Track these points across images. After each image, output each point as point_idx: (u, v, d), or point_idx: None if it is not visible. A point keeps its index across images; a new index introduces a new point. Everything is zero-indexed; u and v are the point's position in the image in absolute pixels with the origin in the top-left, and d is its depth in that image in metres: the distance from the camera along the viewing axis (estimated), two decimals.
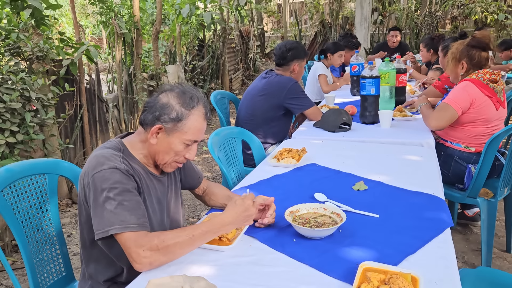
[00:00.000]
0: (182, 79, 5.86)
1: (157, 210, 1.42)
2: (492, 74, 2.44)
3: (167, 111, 1.32)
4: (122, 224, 1.19)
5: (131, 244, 1.18)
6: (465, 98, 2.42)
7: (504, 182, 2.40)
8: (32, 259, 1.52)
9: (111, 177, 1.23)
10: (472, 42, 2.52)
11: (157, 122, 1.32)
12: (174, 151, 1.35)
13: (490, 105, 2.41)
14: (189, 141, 1.35)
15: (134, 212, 1.22)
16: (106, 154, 1.29)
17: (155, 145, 1.35)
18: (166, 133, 1.33)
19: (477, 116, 2.43)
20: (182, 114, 1.32)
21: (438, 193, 1.67)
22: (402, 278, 1.04)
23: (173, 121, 1.32)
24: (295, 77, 3.03)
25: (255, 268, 1.20)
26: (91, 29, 10.92)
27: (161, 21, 5.48)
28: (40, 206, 1.59)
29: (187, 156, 1.38)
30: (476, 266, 2.42)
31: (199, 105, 1.36)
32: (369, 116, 2.81)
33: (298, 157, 2.12)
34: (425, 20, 11.02)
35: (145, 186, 1.37)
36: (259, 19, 13.55)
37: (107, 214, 1.20)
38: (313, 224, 1.38)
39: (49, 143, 3.20)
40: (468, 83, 2.44)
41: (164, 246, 1.19)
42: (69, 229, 3.26)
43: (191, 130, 1.34)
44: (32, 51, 3.05)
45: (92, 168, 1.25)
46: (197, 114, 1.34)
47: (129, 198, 1.23)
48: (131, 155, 1.37)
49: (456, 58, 2.57)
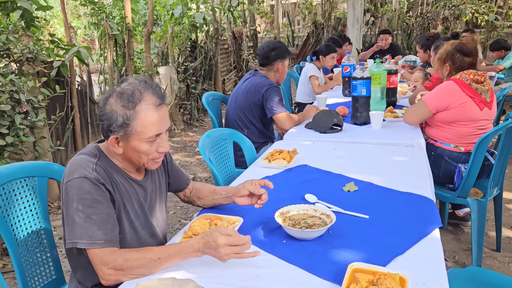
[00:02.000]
0: (175, 80, 5.85)
1: (140, 214, 1.40)
2: (476, 75, 2.48)
3: (113, 119, 1.24)
4: (90, 240, 1.19)
5: (97, 261, 1.18)
6: (442, 98, 2.48)
7: (493, 182, 2.43)
8: (21, 262, 1.51)
9: (81, 187, 1.22)
10: (458, 47, 2.59)
11: (110, 133, 1.26)
12: (142, 153, 1.29)
13: (472, 105, 2.45)
14: (149, 138, 1.27)
15: (102, 227, 1.21)
16: (80, 161, 1.27)
17: (123, 153, 1.31)
18: (124, 140, 1.28)
19: (460, 115, 2.47)
20: (128, 117, 1.23)
21: (427, 193, 1.68)
22: (390, 279, 1.05)
23: (122, 128, 1.24)
24: (279, 76, 3.06)
25: (244, 270, 1.20)
26: (83, 30, 10.87)
27: (153, 22, 5.47)
28: (30, 209, 1.58)
29: (160, 150, 1.31)
30: (467, 266, 2.44)
31: (144, 97, 1.25)
32: (360, 117, 2.82)
33: (289, 158, 2.13)
34: (416, 21, 11.10)
35: (124, 191, 1.35)
36: (252, 20, 13.55)
37: (77, 226, 1.20)
38: (303, 225, 1.38)
39: (40, 146, 3.18)
40: (451, 82, 2.50)
41: (128, 267, 1.18)
42: (61, 231, 3.24)
43: (146, 127, 1.25)
44: (22, 52, 3.03)
45: (66, 176, 1.25)
46: (144, 109, 1.24)
47: (99, 211, 1.22)
48: (107, 160, 1.34)
49: (442, 59, 2.65)
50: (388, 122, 2.84)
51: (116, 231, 1.25)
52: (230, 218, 1.46)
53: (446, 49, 2.64)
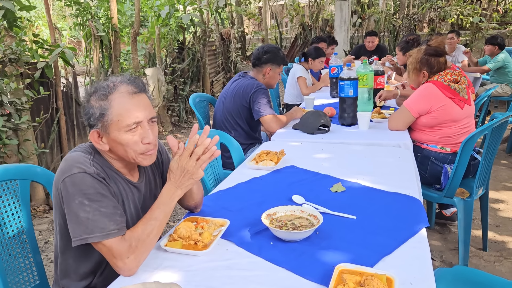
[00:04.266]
0: (162, 81, 5.81)
1: (134, 215, 1.39)
2: (453, 75, 2.52)
3: (90, 113, 1.25)
4: (103, 232, 1.16)
5: (114, 252, 1.17)
6: (422, 101, 2.51)
7: (479, 182, 2.45)
8: (3, 267, 1.47)
9: (82, 182, 1.19)
10: (429, 51, 2.61)
11: (90, 129, 1.26)
12: (127, 144, 1.25)
13: (453, 105, 2.47)
14: (128, 126, 1.23)
15: (112, 218, 1.19)
16: (76, 156, 1.24)
17: (109, 149, 1.29)
18: (105, 134, 1.26)
19: (443, 117, 2.49)
20: (102, 107, 1.23)
21: (414, 193, 1.69)
22: (377, 280, 1.05)
23: (99, 119, 1.24)
24: (267, 81, 3.03)
25: (231, 272, 1.19)
26: (68, 31, 10.75)
27: (140, 23, 5.43)
28: (12, 213, 1.55)
29: (144, 141, 1.27)
30: (454, 265, 2.46)
31: (117, 87, 1.25)
32: (347, 117, 2.83)
33: (276, 160, 2.12)
34: (403, 22, 11.19)
35: (122, 189, 1.34)
36: (240, 21, 13.55)
37: (84, 221, 1.17)
38: (290, 227, 1.37)
39: (24, 148, 3.13)
40: (430, 84, 2.53)
41: (140, 243, 1.20)
42: (47, 235, 3.19)
43: (122, 115, 1.23)
44: (4, 53, 2.98)
45: (62, 172, 1.22)
46: (118, 97, 1.24)
47: (106, 204, 1.20)
48: (102, 158, 1.32)
49: (417, 68, 2.66)
50: (375, 123, 2.85)
51: (125, 221, 1.24)
52: (216, 221, 1.44)
53: (416, 57, 2.66)
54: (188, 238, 1.31)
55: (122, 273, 1.18)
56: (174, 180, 1.29)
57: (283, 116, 2.92)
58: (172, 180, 1.29)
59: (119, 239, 1.18)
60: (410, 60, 2.70)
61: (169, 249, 1.29)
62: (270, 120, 2.81)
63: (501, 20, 12.55)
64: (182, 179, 1.28)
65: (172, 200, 1.29)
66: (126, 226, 1.24)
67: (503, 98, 5.84)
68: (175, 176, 1.28)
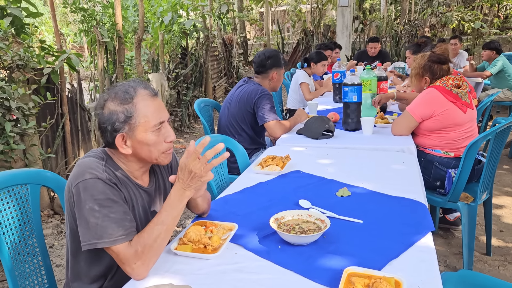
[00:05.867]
0: (165, 87, 5.84)
1: (143, 221, 1.40)
2: (454, 80, 2.55)
3: (114, 118, 1.27)
4: (111, 238, 1.18)
5: (123, 257, 1.19)
6: (425, 106, 2.53)
7: (483, 187, 2.46)
8: (14, 271, 1.49)
9: (94, 187, 1.21)
10: (433, 58, 2.65)
11: (115, 133, 1.28)
12: (152, 144, 1.30)
13: (456, 110, 2.50)
14: (154, 126, 1.29)
15: (121, 224, 1.21)
16: (88, 162, 1.27)
17: (133, 152, 1.32)
18: (131, 137, 1.29)
19: (446, 122, 2.51)
20: (128, 110, 1.27)
21: (419, 198, 1.70)
22: (385, 282, 1.06)
23: (126, 122, 1.27)
24: (274, 85, 3.07)
25: (240, 275, 1.21)
26: (72, 37, 10.81)
27: (143, 29, 5.47)
28: (22, 217, 1.57)
29: (167, 140, 1.33)
30: (458, 270, 2.47)
31: (138, 91, 1.30)
32: (351, 123, 2.85)
33: (282, 164, 2.14)
34: (404, 28, 11.24)
35: (132, 194, 1.36)
36: (242, 27, 13.62)
37: (93, 227, 1.19)
38: (298, 231, 1.39)
39: (30, 153, 3.15)
40: (432, 89, 2.55)
41: (147, 249, 1.20)
42: (51, 240, 3.21)
43: (148, 116, 1.28)
44: (12, 59, 3.01)
45: (75, 178, 1.24)
46: (142, 99, 1.29)
47: (115, 210, 1.22)
48: (115, 164, 1.34)
49: (420, 74, 2.71)
50: (379, 128, 2.87)
51: (134, 227, 1.26)
52: (225, 225, 1.46)
53: (420, 63, 2.70)
54: (198, 241, 1.33)
55: (133, 278, 1.20)
56: (182, 181, 1.27)
57: (287, 122, 2.94)
58: (180, 180, 1.28)
59: (126, 245, 1.20)
60: (413, 65, 2.74)
61: (179, 253, 1.31)
62: (274, 125, 2.84)
63: (502, 26, 12.61)
64: (190, 181, 1.27)
65: (180, 201, 1.28)
66: (136, 231, 1.26)
67: (504, 103, 5.87)
68: (183, 177, 1.27)
